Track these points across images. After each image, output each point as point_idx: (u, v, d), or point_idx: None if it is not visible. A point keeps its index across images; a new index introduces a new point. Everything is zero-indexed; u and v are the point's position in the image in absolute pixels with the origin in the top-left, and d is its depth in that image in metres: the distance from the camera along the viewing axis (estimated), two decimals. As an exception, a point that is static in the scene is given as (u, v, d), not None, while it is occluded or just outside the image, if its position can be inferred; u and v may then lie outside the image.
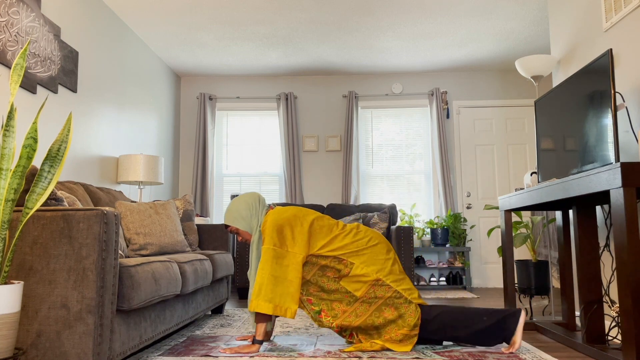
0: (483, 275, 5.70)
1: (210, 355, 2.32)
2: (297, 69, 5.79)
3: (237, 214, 2.55)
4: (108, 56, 4.22)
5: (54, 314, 1.75)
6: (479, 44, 5.08)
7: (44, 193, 1.71)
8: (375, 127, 5.98)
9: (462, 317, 2.40)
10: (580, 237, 2.75)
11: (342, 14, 4.39)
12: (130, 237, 2.95)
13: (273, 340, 2.68)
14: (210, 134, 5.81)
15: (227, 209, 2.60)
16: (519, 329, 2.38)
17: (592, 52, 3.09)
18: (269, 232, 2.42)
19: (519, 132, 5.86)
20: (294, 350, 2.41)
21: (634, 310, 1.95)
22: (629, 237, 1.99)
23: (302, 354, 2.35)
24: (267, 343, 2.60)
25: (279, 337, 2.75)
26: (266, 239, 2.41)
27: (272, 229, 2.42)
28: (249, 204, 2.56)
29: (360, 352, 2.37)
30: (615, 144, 2.21)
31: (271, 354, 2.35)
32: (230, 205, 2.60)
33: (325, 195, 5.85)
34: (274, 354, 2.34)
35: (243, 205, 2.56)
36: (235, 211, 2.56)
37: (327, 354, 2.35)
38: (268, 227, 2.43)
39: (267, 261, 2.36)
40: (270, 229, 2.42)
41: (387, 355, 2.31)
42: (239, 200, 2.58)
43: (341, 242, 2.46)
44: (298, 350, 2.41)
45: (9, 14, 2.90)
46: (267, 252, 2.37)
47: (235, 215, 2.56)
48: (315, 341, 2.64)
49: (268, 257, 2.36)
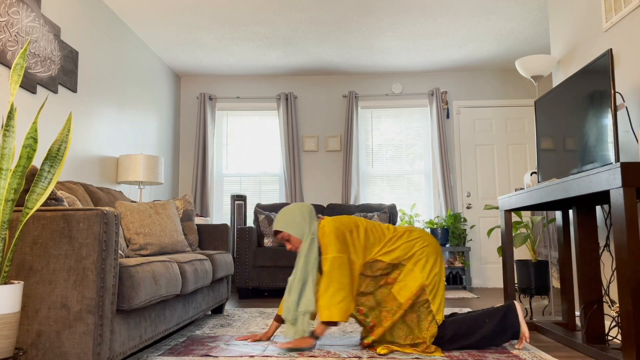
0: (483, 275, 5.70)
1: (210, 355, 2.32)
2: (297, 69, 5.79)
3: (291, 221, 2.56)
4: (108, 56, 4.22)
5: (54, 314, 1.75)
6: (479, 44, 5.08)
7: (44, 193, 1.71)
8: (375, 127, 5.98)
9: (466, 326, 2.42)
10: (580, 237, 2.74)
11: (342, 14, 4.39)
12: (130, 237, 2.95)
13: (273, 339, 2.68)
14: (210, 134, 5.81)
15: (280, 215, 2.61)
16: (522, 321, 2.41)
17: (592, 52, 3.09)
18: (331, 241, 2.43)
19: (519, 132, 5.86)
20: (294, 350, 2.41)
21: (634, 310, 1.95)
22: (629, 237, 1.99)
23: (302, 354, 2.35)
24: (266, 343, 2.60)
25: (278, 337, 2.75)
26: (329, 248, 2.43)
27: (334, 237, 2.44)
28: (302, 212, 2.58)
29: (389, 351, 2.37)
30: (615, 144, 2.21)
31: (271, 354, 2.35)
32: (284, 211, 2.61)
33: (325, 195, 5.85)
34: (274, 354, 2.34)
35: (297, 213, 2.58)
36: (289, 218, 2.57)
37: (327, 353, 2.35)
38: (329, 236, 2.45)
39: (334, 269, 2.38)
40: (332, 237, 2.44)
41: (388, 356, 2.31)
42: (293, 208, 2.61)
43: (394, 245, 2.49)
44: (298, 350, 2.41)
45: (9, 14, 2.90)
46: (334, 261, 2.39)
47: (289, 221, 2.56)
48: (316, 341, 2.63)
49: (335, 265, 2.38)
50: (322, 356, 2.31)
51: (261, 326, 3.10)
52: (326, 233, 2.46)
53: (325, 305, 2.34)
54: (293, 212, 2.58)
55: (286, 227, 2.56)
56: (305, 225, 2.55)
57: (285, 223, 2.56)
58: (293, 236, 2.56)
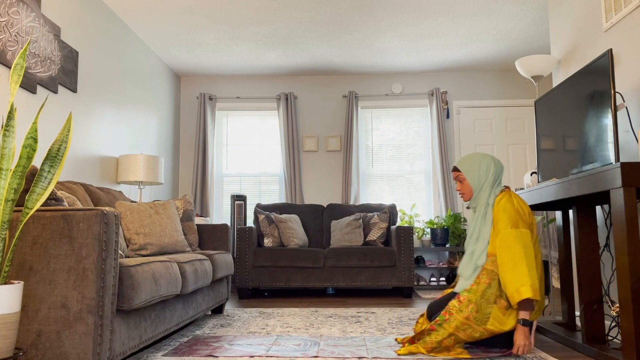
0: (483, 275, 5.70)
1: (214, 355, 2.33)
2: (297, 69, 5.79)
3: (477, 168, 2.51)
4: (108, 56, 4.22)
5: (54, 314, 1.75)
6: (479, 44, 5.08)
7: (44, 193, 1.71)
8: (375, 127, 5.98)
9: None
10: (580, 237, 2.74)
11: (342, 13, 4.39)
12: (130, 237, 2.95)
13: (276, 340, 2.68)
14: (210, 134, 5.81)
15: (470, 155, 2.55)
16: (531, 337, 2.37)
17: (592, 52, 3.09)
18: (512, 216, 2.33)
19: (519, 132, 5.86)
20: (297, 351, 2.41)
21: (634, 310, 1.95)
22: (629, 237, 1.99)
23: (306, 355, 2.35)
24: (270, 343, 2.60)
25: (281, 337, 2.75)
26: (510, 222, 2.32)
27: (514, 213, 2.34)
28: (491, 170, 2.50)
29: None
30: (615, 144, 2.21)
31: (275, 354, 2.35)
32: (475, 155, 2.55)
33: (325, 195, 5.85)
34: (277, 354, 2.34)
35: (485, 166, 2.50)
36: (475, 164, 2.52)
37: (331, 353, 2.35)
38: (510, 212, 2.34)
39: (518, 246, 2.26)
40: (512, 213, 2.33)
41: (393, 356, 2.31)
42: (484, 158, 2.53)
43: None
44: (302, 351, 2.41)
45: (9, 14, 2.90)
46: (516, 236, 2.28)
47: (475, 167, 2.51)
48: (319, 341, 2.63)
49: (519, 241, 2.27)
50: (326, 356, 2.31)
51: (261, 326, 3.10)
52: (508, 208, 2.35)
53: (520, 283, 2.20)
54: (482, 163, 2.51)
55: (468, 172, 2.51)
56: (488, 182, 2.48)
57: (471, 167, 2.51)
58: (467, 181, 2.52)
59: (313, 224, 5.20)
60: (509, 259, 2.27)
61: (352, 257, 4.47)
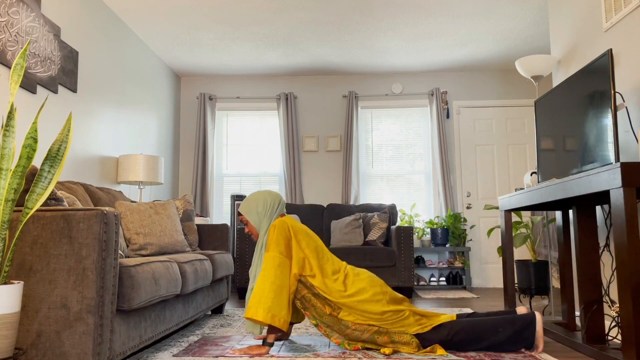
0: (483, 275, 5.70)
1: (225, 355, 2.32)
2: (297, 69, 5.79)
3: (254, 207, 2.56)
4: (108, 56, 4.22)
5: (54, 314, 1.75)
6: (479, 44, 5.08)
7: (44, 193, 1.71)
8: (375, 127, 5.98)
9: (475, 335, 2.36)
10: (580, 237, 2.74)
11: (342, 14, 4.39)
12: (130, 237, 2.95)
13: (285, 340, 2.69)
14: (210, 134, 5.81)
15: (247, 198, 2.60)
16: (539, 336, 2.36)
17: (592, 52, 3.09)
18: (274, 239, 2.40)
19: (519, 132, 5.86)
20: (309, 351, 2.41)
21: (634, 310, 1.95)
22: (629, 237, 1.99)
23: (317, 354, 2.34)
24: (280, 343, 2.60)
25: (292, 337, 2.76)
26: (271, 246, 2.39)
27: (280, 236, 2.40)
28: (267, 203, 2.56)
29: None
30: (615, 144, 2.21)
31: (286, 354, 2.35)
32: (251, 196, 2.60)
33: (325, 195, 5.85)
34: (289, 354, 2.34)
35: (261, 202, 2.56)
36: (252, 204, 2.56)
37: (342, 354, 2.35)
38: (276, 233, 2.41)
39: (270, 269, 2.33)
40: (277, 236, 2.40)
41: (404, 356, 2.31)
42: (259, 195, 2.58)
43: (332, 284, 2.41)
44: (313, 351, 2.41)
45: (9, 14, 2.90)
46: (272, 260, 2.35)
47: (252, 207, 2.56)
48: (329, 342, 2.64)
49: (273, 264, 2.34)
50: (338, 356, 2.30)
51: (261, 326, 3.10)
52: (274, 231, 2.41)
53: (253, 302, 2.28)
54: (258, 200, 2.57)
55: (247, 213, 2.56)
56: (265, 216, 2.54)
57: (248, 208, 2.56)
58: (250, 223, 2.57)
59: (313, 224, 5.20)
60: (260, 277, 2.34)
61: (352, 257, 4.47)
